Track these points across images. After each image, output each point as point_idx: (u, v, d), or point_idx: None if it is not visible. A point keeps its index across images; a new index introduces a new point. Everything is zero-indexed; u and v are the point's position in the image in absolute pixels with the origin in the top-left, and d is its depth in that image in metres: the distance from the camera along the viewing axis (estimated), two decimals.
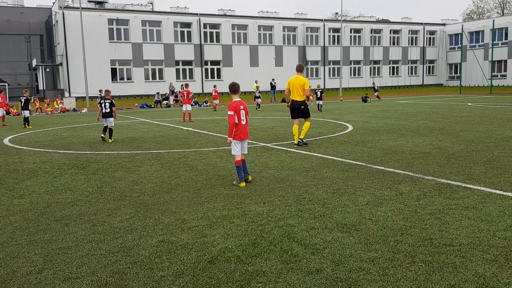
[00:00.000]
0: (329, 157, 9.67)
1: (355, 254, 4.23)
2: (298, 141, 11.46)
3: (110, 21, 45.11)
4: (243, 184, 7.18)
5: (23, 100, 20.75)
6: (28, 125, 19.83)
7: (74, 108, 33.91)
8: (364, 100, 34.57)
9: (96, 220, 5.52)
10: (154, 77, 47.83)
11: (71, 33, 42.75)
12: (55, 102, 33.47)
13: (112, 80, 45.58)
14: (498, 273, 3.76)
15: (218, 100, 29.83)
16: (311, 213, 5.59)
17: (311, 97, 11.83)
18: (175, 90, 38.85)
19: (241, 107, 7.33)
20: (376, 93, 38.10)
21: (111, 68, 45.59)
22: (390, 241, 4.54)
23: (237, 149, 7.32)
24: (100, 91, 32.75)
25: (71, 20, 42.46)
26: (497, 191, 6.34)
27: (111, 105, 13.74)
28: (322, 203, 6.04)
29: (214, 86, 31.24)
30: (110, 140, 13.55)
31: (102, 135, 13.65)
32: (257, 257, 4.22)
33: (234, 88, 7.45)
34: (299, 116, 11.51)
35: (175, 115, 25.90)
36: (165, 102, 36.91)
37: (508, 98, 32.40)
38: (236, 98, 7.41)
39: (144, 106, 35.57)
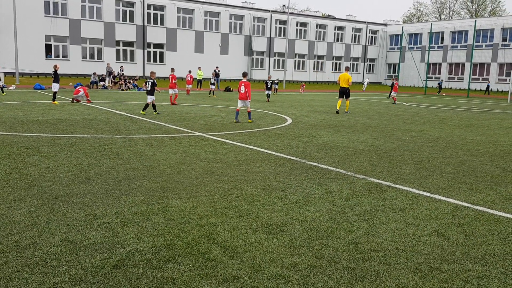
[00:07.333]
0: (264, 150, 9.40)
1: (277, 259, 3.95)
2: (343, 112, 19.38)
3: None
4: (234, 120, 14.18)
5: None
6: None
7: (2, 85, 31.40)
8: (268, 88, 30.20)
9: None
10: (92, 57, 45.44)
11: (2, 3, 39.63)
12: None
13: (46, 56, 42.82)
14: (421, 283, 3.61)
15: (191, 85, 30.50)
16: (237, 211, 5.27)
17: (350, 83, 19.68)
18: (112, 71, 37.21)
19: (243, 84, 14.15)
20: (275, 86, 35.91)
21: (46, 44, 42.80)
22: (315, 245, 4.31)
23: (239, 104, 14.45)
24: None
25: None
26: (425, 193, 6.33)
27: (153, 84, 16.19)
28: (250, 200, 5.73)
29: (189, 72, 32.01)
30: (154, 113, 15.86)
31: (142, 111, 15.83)
32: (170, 261, 3.82)
33: (244, 75, 14.32)
34: (343, 97, 19.48)
35: (110, 97, 24.71)
36: (101, 83, 35.20)
37: (440, 100, 33.84)
38: (244, 79, 14.22)
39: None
